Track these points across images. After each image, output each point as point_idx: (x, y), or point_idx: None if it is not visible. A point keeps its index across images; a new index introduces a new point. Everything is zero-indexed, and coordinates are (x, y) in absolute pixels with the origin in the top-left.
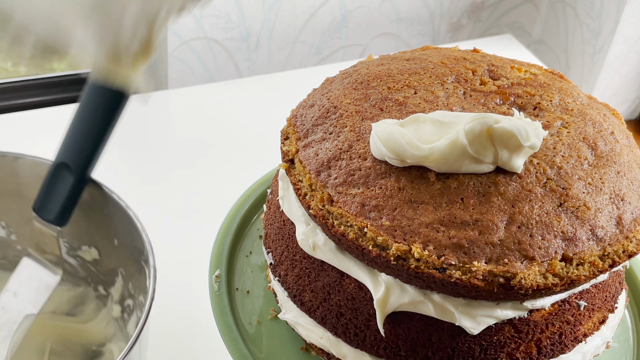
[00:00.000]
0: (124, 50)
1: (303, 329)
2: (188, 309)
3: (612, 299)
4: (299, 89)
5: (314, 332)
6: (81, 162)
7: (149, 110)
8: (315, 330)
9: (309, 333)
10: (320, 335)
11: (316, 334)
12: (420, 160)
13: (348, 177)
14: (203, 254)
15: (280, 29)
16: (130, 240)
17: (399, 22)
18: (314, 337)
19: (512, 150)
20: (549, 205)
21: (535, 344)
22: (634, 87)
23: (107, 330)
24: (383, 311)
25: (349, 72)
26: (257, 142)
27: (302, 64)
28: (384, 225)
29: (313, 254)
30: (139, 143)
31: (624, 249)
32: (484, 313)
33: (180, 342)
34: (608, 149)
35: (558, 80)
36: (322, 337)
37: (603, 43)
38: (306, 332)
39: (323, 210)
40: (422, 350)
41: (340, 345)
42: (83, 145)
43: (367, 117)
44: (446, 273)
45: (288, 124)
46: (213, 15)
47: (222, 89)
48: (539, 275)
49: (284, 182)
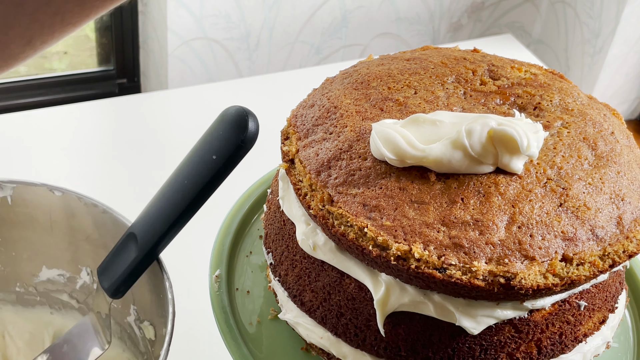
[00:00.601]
0: None
1: (303, 329)
2: (188, 309)
3: (612, 299)
4: (299, 89)
5: (314, 332)
6: (150, 238)
7: (149, 110)
8: (316, 330)
9: (309, 333)
10: (321, 335)
11: (316, 334)
12: (420, 160)
13: (348, 177)
14: (203, 254)
15: (280, 29)
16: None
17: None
18: (314, 337)
19: (512, 153)
20: (549, 205)
21: (536, 344)
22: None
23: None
24: (383, 311)
25: (349, 72)
26: (258, 142)
27: (302, 64)
28: (384, 225)
29: (313, 254)
30: (139, 143)
31: (624, 249)
32: (484, 313)
33: (181, 342)
34: (608, 149)
35: (558, 80)
36: (322, 337)
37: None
38: (306, 332)
39: (323, 210)
40: (422, 351)
41: (340, 345)
42: (157, 223)
43: (368, 117)
44: (446, 273)
45: (288, 124)
46: (213, 15)
47: (222, 89)
48: (539, 275)
49: (284, 182)
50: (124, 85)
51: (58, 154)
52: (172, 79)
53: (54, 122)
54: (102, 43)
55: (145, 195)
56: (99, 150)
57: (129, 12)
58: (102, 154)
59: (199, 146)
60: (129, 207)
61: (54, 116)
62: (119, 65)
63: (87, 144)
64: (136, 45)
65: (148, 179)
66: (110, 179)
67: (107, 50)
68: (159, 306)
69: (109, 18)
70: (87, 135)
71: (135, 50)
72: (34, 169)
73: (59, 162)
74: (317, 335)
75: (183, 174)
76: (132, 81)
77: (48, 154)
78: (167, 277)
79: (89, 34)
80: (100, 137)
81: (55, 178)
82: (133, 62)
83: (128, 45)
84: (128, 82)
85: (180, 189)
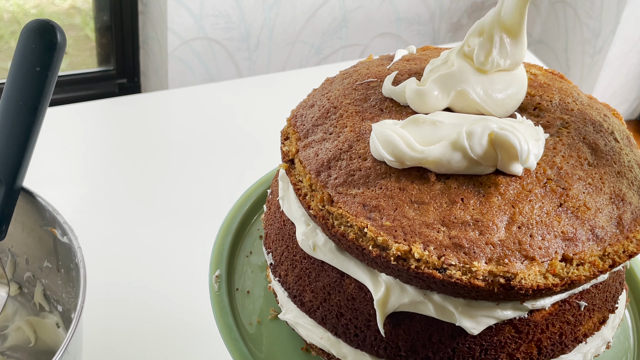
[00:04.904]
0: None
1: (303, 329)
2: (188, 309)
3: (612, 299)
4: (299, 89)
5: (314, 333)
6: (10, 169)
7: (149, 110)
8: (316, 331)
9: (309, 333)
10: (321, 335)
11: (316, 334)
12: (419, 162)
13: (348, 177)
14: (203, 254)
15: (280, 29)
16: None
17: (399, 22)
18: (314, 338)
19: (512, 157)
20: (549, 205)
21: (536, 344)
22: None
23: (6, 312)
24: (383, 311)
25: (349, 72)
26: (257, 142)
27: (302, 64)
28: (384, 225)
29: (313, 254)
30: (139, 143)
31: (624, 249)
32: (484, 313)
33: (181, 342)
34: (608, 149)
35: (558, 80)
36: (322, 337)
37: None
38: (306, 332)
39: (323, 211)
40: (422, 351)
41: (340, 346)
42: (10, 152)
43: (367, 117)
44: (446, 273)
45: (288, 124)
46: (213, 16)
47: (222, 89)
48: (539, 275)
49: (284, 182)
50: (124, 85)
51: (58, 154)
52: (172, 79)
53: (54, 122)
54: (102, 43)
55: (145, 194)
56: (99, 150)
57: (129, 12)
58: (102, 154)
59: (18, 65)
60: (129, 206)
61: (53, 116)
62: (119, 65)
63: (87, 144)
64: (136, 45)
65: (148, 178)
66: (110, 178)
67: (107, 50)
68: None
69: (109, 18)
70: (87, 135)
71: (135, 50)
72: (34, 169)
73: (58, 162)
74: (317, 335)
75: (13, 96)
76: (132, 81)
77: (48, 154)
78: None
79: (89, 34)
80: (100, 137)
81: (55, 178)
82: (133, 62)
83: (128, 45)
84: (128, 82)
85: (19, 112)
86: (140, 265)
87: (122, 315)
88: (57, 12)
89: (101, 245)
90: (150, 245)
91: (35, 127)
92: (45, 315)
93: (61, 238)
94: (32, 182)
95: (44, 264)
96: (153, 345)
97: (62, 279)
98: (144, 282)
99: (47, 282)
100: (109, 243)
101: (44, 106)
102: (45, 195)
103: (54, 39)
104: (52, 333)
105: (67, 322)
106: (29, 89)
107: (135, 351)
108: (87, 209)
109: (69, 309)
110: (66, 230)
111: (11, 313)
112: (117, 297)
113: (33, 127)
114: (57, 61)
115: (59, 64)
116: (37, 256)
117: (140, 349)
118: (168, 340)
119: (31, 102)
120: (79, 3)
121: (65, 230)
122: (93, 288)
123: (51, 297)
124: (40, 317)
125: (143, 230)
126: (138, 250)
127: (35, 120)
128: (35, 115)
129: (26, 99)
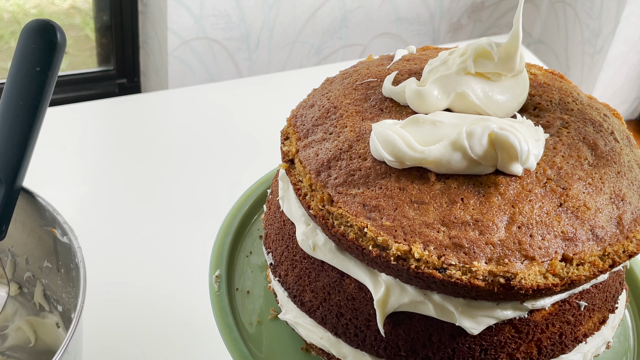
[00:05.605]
0: None
1: (303, 329)
2: (188, 309)
3: (612, 299)
4: (299, 89)
5: (314, 333)
6: (10, 169)
7: (149, 110)
8: (316, 331)
9: (309, 333)
10: (321, 335)
11: (316, 334)
12: (419, 162)
13: (348, 177)
14: (203, 254)
15: (280, 29)
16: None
17: (399, 22)
18: (314, 338)
19: (513, 158)
20: (549, 205)
21: (536, 344)
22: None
23: (6, 312)
24: (383, 311)
25: (349, 72)
26: (257, 142)
27: (302, 64)
28: (384, 225)
29: (313, 254)
30: (139, 143)
31: (624, 249)
32: (484, 313)
33: (181, 342)
34: (608, 149)
35: (558, 80)
36: (322, 337)
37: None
38: (306, 332)
39: (323, 211)
40: (422, 351)
41: (340, 346)
42: (10, 152)
43: (367, 117)
44: (446, 273)
45: (288, 124)
46: (213, 16)
47: (222, 89)
48: (539, 275)
49: (284, 182)
50: (124, 85)
51: (58, 154)
52: (172, 79)
53: (54, 122)
54: (102, 43)
55: (145, 194)
56: (99, 150)
57: (129, 12)
58: (102, 154)
59: (18, 65)
60: (129, 206)
61: (53, 116)
62: (119, 65)
63: (87, 144)
64: (136, 45)
65: (148, 178)
66: (110, 178)
67: (107, 50)
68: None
69: (109, 18)
70: (87, 135)
71: (135, 50)
72: (34, 169)
73: (58, 162)
74: (317, 335)
75: (13, 96)
76: (132, 81)
77: (48, 154)
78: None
79: (89, 34)
80: (100, 137)
81: (55, 178)
82: (133, 62)
83: (128, 45)
84: (128, 82)
85: (19, 112)
86: (140, 265)
87: (122, 315)
88: (57, 12)
89: (101, 245)
90: (150, 245)
91: (35, 127)
92: (45, 315)
93: (61, 238)
94: (32, 182)
95: (44, 264)
96: (153, 345)
97: (62, 279)
98: (144, 282)
99: (47, 282)
100: (109, 243)
101: (44, 106)
102: (45, 195)
103: (54, 39)
104: (52, 333)
105: (67, 322)
106: (29, 89)
107: (135, 351)
108: (87, 209)
109: (69, 309)
110: (66, 230)
111: (11, 313)
112: (117, 297)
113: (33, 127)
114: (57, 61)
115: (59, 64)
116: (37, 256)
117: (140, 349)
118: (168, 340)
119: (31, 102)
120: (79, 3)
121: (65, 230)
122: (93, 288)
123: (51, 297)
124: (40, 317)
125: (143, 230)
126: (138, 250)
127: (35, 120)
128: (35, 115)
129: (26, 99)
